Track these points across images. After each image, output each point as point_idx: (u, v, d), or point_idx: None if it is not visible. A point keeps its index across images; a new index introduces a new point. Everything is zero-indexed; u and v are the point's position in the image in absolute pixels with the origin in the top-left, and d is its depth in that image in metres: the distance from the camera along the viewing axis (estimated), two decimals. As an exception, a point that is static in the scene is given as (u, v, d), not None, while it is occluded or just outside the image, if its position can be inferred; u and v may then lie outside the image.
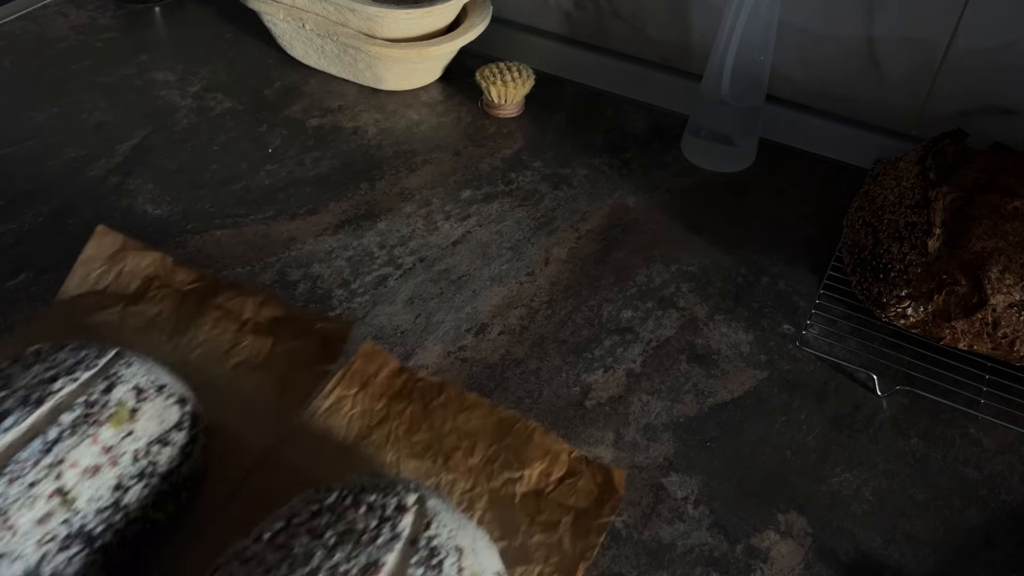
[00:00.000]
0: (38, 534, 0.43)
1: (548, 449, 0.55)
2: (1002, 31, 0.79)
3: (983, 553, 0.58)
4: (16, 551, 0.42)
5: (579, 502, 0.53)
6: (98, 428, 0.46)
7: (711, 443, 0.64)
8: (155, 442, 0.49)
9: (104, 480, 0.46)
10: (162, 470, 0.49)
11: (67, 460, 0.45)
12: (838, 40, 0.86)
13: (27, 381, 0.47)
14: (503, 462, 0.55)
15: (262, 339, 0.61)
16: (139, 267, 0.66)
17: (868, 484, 0.62)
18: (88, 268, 0.66)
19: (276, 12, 0.94)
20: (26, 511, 0.43)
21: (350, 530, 0.42)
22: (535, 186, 0.85)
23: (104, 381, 0.49)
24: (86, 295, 0.64)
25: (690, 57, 0.95)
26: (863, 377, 0.68)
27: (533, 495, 0.53)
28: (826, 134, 0.90)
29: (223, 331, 0.61)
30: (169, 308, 0.63)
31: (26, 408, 0.46)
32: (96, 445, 0.46)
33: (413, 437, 0.56)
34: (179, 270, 0.66)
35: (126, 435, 0.47)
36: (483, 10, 0.97)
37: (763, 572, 0.57)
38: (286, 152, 0.87)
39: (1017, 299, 0.65)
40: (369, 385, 0.58)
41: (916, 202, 0.70)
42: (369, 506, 0.43)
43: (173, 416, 0.50)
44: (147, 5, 1.08)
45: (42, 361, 0.49)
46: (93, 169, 0.83)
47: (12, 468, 0.43)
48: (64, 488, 0.44)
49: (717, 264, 0.78)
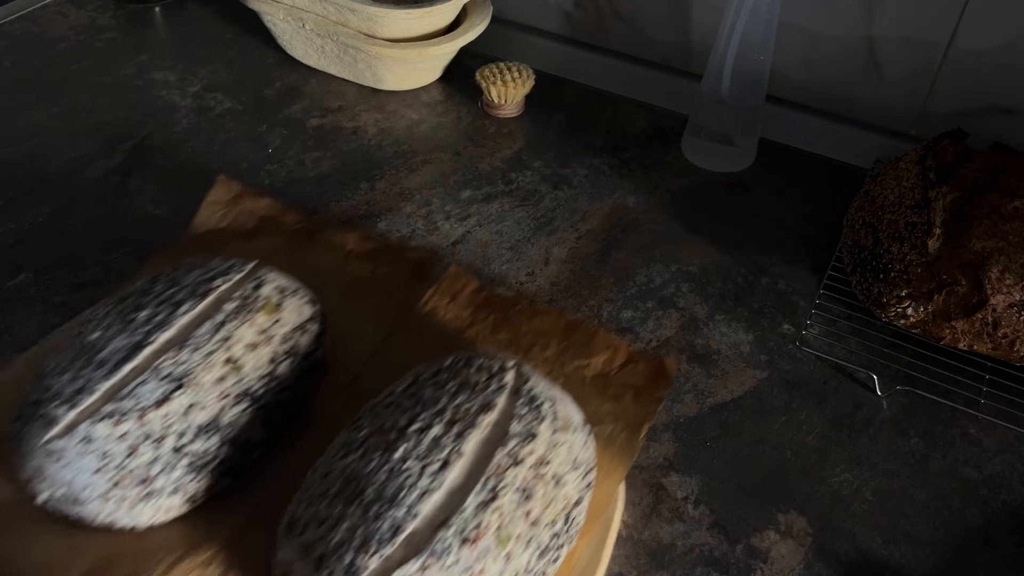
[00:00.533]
0: (217, 391, 0.55)
1: (610, 344, 0.66)
2: (1002, 31, 0.79)
3: (983, 553, 0.58)
4: (202, 402, 0.54)
5: (638, 382, 0.63)
6: (254, 315, 0.58)
7: (711, 443, 0.64)
8: (296, 329, 0.60)
9: (262, 354, 0.57)
10: (302, 352, 0.60)
11: (233, 337, 0.56)
12: (838, 40, 0.86)
13: (192, 280, 0.59)
14: (573, 354, 0.65)
15: (363, 264, 0.73)
16: (254, 209, 0.77)
17: (868, 484, 0.62)
18: (211, 210, 0.76)
19: (276, 12, 0.94)
20: (207, 373, 0.54)
21: (466, 382, 0.53)
22: (535, 186, 0.85)
23: (253, 281, 0.60)
24: (211, 232, 0.75)
25: (690, 57, 0.95)
26: (863, 377, 0.68)
27: (600, 377, 0.64)
28: (826, 134, 0.90)
29: (330, 259, 0.73)
30: (282, 242, 0.74)
31: (195, 299, 0.57)
32: (253, 327, 0.58)
33: (497, 336, 0.67)
34: (288, 212, 0.77)
35: (275, 322, 0.59)
36: (483, 10, 0.97)
37: (763, 572, 0.57)
38: (286, 152, 0.87)
39: (1017, 299, 0.65)
40: (457, 298, 0.69)
41: (916, 202, 0.70)
42: (478, 367, 0.54)
43: (307, 312, 0.62)
44: (147, 5, 1.08)
45: (199, 268, 0.61)
46: (93, 169, 0.83)
47: (192, 341, 0.55)
48: (233, 357, 0.56)
49: (717, 264, 0.78)
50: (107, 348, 0.54)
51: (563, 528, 0.50)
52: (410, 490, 0.47)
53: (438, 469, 0.48)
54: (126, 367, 0.54)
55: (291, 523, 0.49)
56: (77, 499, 0.52)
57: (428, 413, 0.51)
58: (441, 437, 0.49)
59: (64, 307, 0.70)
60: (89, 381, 0.53)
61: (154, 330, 0.55)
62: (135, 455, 0.52)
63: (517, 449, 0.49)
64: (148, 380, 0.53)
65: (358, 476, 0.48)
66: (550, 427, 0.51)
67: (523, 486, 0.48)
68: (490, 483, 0.48)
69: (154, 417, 0.52)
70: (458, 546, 0.46)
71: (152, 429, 0.52)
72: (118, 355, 0.54)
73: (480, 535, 0.46)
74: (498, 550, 0.47)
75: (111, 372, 0.53)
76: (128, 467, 0.52)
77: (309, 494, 0.50)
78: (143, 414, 0.52)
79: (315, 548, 0.47)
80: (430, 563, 0.45)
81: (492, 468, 0.48)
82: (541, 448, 0.50)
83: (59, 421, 0.52)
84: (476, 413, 0.51)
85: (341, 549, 0.46)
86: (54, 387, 0.53)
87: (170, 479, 0.53)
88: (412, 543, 0.46)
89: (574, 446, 0.52)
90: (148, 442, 0.52)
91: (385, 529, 0.46)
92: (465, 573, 0.46)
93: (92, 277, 0.72)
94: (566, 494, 0.50)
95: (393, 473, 0.48)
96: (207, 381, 0.54)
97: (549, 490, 0.49)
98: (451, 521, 0.46)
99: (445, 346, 0.64)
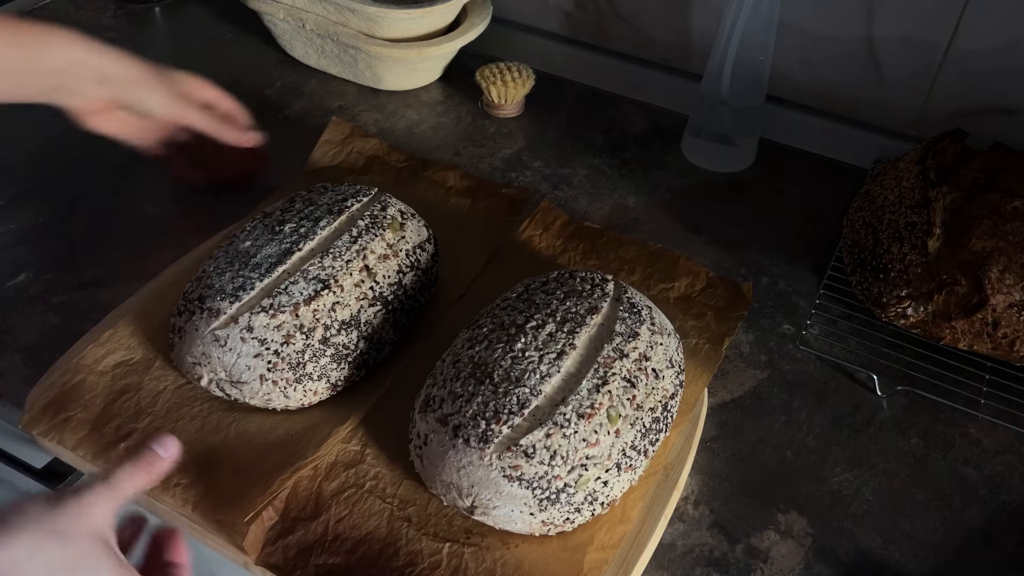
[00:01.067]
0: (356, 293, 0.63)
1: (691, 270, 0.73)
2: (1002, 31, 0.79)
3: (983, 553, 0.58)
4: (344, 301, 0.62)
5: (718, 303, 0.70)
6: (383, 231, 0.66)
7: (711, 443, 0.64)
8: (417, 247, 0.68)
9: (391, 265, 0.65)
10: (422, 267, 0.68)
11: (367, 248, 0.64)
12: (838, 40, 0.86)
13: (326, 200, 0.68)
14: (657, 278, 0.73)
15: (464, 199, 0.80)
16: (364, 149, 0.85)
17: (868, 484, 0.62)
18: (325, 149, 0.84)
19: (276, 12, 0.94)
20: (347, 277, 0.63)
21: (572, 290, 0.61)
22: (535, 186, 0.85)
23: (379, 203, 0.69)
24: (326, 168, 0.83)
25: (690, 57, 0.95)
26: (863, 377, 0.68)
27: (683, 299, 0.71)
28: (826, 134, 0.90)
29: (434, 194, 0.81)
30: (389, 179, 0.82)
31: (332, 215, 0.66)
32: (383, 241, 0.66)
33: (587, 262, 0.74)
34: (394, 152, 0.85)
35: (400, 238, 0.67)
36: (483, 10, 0.97)
37: (763, 572, 0.57)
38: (287, 152, 0.87)
39: (1017, 299, 0.65)
40: (550, 228, 0.77)
41: (916, 202, 0.70)
42: (582, 278, 0.62)
43: (424, 233, 0.70)
44: (147, 5, 1.08)
45: (331, 191, 0.69)
46: (93, 169, 0.83)
47: (333, 250, 0.63)
48: (368, 265, 0.64)
49: (717, 264, 0.78)
50: (260, 254, 0.63)
51: (663, 415, 0.57)
52: (532, 373, 0.55)
53: (555, 358, 0.55)
54: (279, 269, 0.62)
55: (427, 401, 0.57)
56: (239, 380, 0.60)
57: (542, 314, 0.58)
58: (555, 333, 0.57)
59: (64, 307, 0.70)
60: (248, 280, 0.61)
61: (300, 240, 0.64)
62: (289, 343, 0.59)
63: (622, 345, 0.57)
64: (298, 280, 0.61)
65: (486, 362, 0.56)
66: (649, 330, 0.59)
67: (628, 376, 0.56)
68: (600, 371, 0.55)
69: (305, 312, 0.60)
70: (576, 419, 0.53)
71: (304, 321, 0.60)
72: (271, 259, 0.62)
73: (594, 412, 0.53)
74: (609, 426, 0.54)
75: (266, 273, 0.62)
76: (283, 353, 0.59)
77: (442, 377, 0.57)
78: (296, 308, 0.60)
79: (452, 419, 0.54)
80: (553, 431, 0.52)
81: (602, 359, 0.56)
82: (642, 346, 0.57)
83: (223, 312, 0.60)
84: (585, 314, 0.58)
85: (476, 419, 0.53)
86: (216, 285, 0.61)
87: (318, 366, 0.60)
88: (536, 416, 0.53)
89: (669, 348, 0.60)
90: (300, 332, 0.60)
91: (514, 403, 0.53)
92: (582, 442, 0.53)
93: (92, 277, 0.72)
94: (664, 387, 0.57)
95: (516, 360, 0.55)
96: (348, 284, 0.62)
97: (650, 381, 0.57)
98: (568, 400, 0.54)
99: (543, 268, 0.69)
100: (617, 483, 0.54)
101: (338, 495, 0.57)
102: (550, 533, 0.54)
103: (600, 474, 0.53)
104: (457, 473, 0.53)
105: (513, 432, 0.52)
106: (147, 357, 0.64)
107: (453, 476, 0.53)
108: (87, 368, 0.63)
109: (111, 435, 0.59)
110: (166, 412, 0.61)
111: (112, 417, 0.60)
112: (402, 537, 0.55)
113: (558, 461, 0.52)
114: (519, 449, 0.52)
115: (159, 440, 0.50)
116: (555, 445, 0.52)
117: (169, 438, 0.51)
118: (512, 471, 0.51)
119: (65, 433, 0.59)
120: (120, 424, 0.60)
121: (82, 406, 0.61)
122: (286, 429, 0.60)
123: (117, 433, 0.59)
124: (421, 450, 0.55)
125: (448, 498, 0.54)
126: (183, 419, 0.61)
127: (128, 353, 0.64)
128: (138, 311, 0.67)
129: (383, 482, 0.58)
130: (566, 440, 0.52)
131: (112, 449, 0.58)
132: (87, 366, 0.63)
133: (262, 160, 0.80)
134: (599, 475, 0.53)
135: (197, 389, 0.62)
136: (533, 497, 0.52)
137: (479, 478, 0.52)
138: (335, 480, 0.57)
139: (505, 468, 0.52)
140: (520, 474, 0.51)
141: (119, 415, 0.60)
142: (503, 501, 0.52)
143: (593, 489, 0.53)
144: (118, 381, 0.62)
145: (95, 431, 0.59)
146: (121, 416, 0.60)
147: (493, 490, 0.52)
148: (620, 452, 0.54)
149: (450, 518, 0.56)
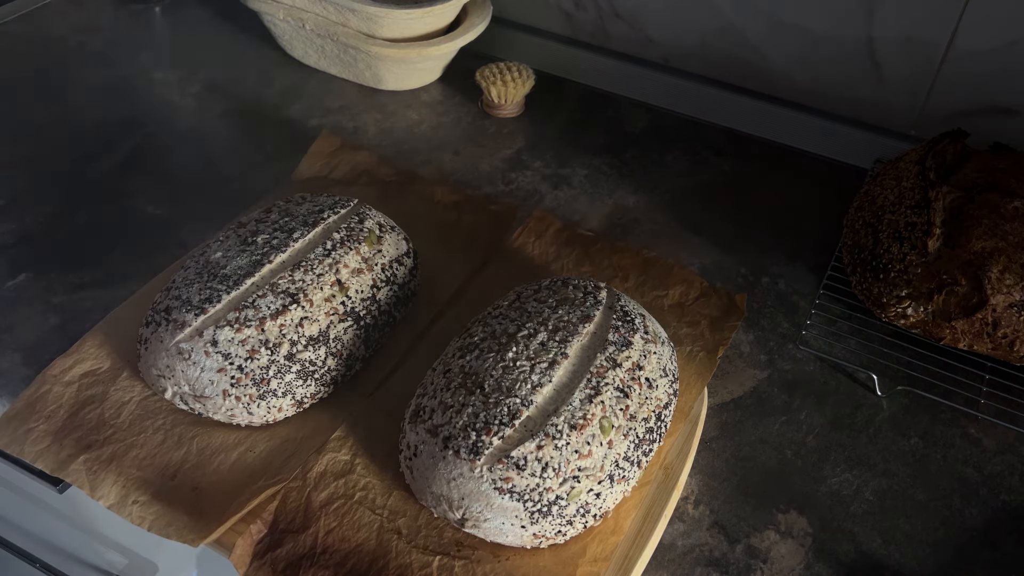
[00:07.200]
0: (326, 308, 0.61)
1: (685, 278, 0.72)
2: (1002, 31, 0.79)
3: (983, 553, 0.58)
4: (313, 316, 0.60)
5: (712, 312, 0.69)
6: (358, 244, 0.64)
7: (711, 443, 0.64)
8: (394, 261, 0.66)
9: (365, 279, 0.64)
10: (399, 281, 0.66)
11: (341, 261, 0.63)
12: (838, 40, 0.86)
13: (303, 211, 0.66)
14: (651, 285, 0.71)
15: (450, 213, 0.78)
16: (353, 161, 0.83)
17: (868, 484, 0.62)
18: (313, 160, 0.83)
19: (276, 12, 0.94)
20: (318, 291, 0.61)
21: (565, 298, 0.59)
22: (535, 186, 0.85)
23: (357, 216, 0.67)
24: (313, 179, 0.81)
25: (690, 57, 0.95)
26: (863, 377, 0.68)
27: (677, 306, 0.70)
28: (826, 134, 0.90)
29: (419, 206, 0.78)
30: (376, 192, 0.80)
31: (307, 227, 0.64)
32: (358, 255, 0.64)
33: (580, 269, 0.73)
34: (383, 164, 0.83)
35: (376, 252, 0.65)
36: (483, 10, 0.97)
37: (763, 572, 0.57)
38: (287, 152, 0.87)
39: (1017, 299, 0.65)
40: (543, 236, 0.76)
41: (916, 202, 0.70)
42: (574, 286, 0.61)
43: (403, 247, 0.68)
44: (147, 5, 1.08)
45: (309, 202, 0.68)
46: (93, 169, 0.83)
47: (304, 263, 0.61)
48: (340, 280, 0.62)
49: (717, 264, 0.78)
50: (229, 265, 0.61)
51: (656, 424, 0.56)
52: (524, 383, 0.54)
53: (547, 367, 0.54)
54: (247, 282, 0.60)
55: (417, 412, 0.56)
56: (201, 395, 0.58)
57: (533, 323, 0.57)
58: (547, 342, 0.56)
59: (64, 307, 0.70)
60: (215, 292, 0.60)
61: (271, 252, 0.62)
62: (253, 358, 0.58)
63: (615, 354, 0.56)
64: (267, 294, 0.59)
65: (477, 371, 0.55)
66: (642, 338, 0.58)
67: (621, 386, 0.55)
68: (593, 381, 0.54)
69: (271, 326, 0.58)
70: (568, 430, 0.52)
71: (269, 336, 0.58)
72: (240, 271, 0.61)
73: (586, 423, 0.52)
74: (602, 436, 0.53)
75: (234, 285, 0.60)
76: (247, 368, 0.58)
77: (432, 387, 0.56)
78: (262, 323, 0.58)
79: (442, 430, 0.53)
80: (544, 443, 0.51)
81: (594, 368, 0.55)
82: (635, 355, 0.57)
83: (188, 325, 0.58)
84: (577, 323, 0.57)
85: (467, 430, 0.52)
86: (183, 296, 0.60)
87: (283, 382, 0.59)
88: (528, 427, 0.52)
89: (663, 356, 0.59)
90: (265, 348, 0.58)
91: (504, 414, 0.52)
92: (574, 454, 0.52)
93: (92, 277, 0.73)
94: (657, 396, 0.57)
95: (507, 369, 0.54)
96: (318, 298, 0.61)
97: (643, 391, 0.56)
98: (561, 410, 0.53)
99: (535, 275, 0.70)
100: (610, 495, 0.53)
101: (327, 506, 0.56)
102: (542, 546, 0.53)
103: (592, 486, 0.52)
104: (447, 485, 0.52)
105: (504, 443, 0.51)
106: (115, 367, 0.62)
107: (443, 488, 0.52)
108: (53, 379, 0.61)
109: (71, 448, 0.58)
110: (129, 424, 0.59)
111: (74, 429, 0.59)
112: (392, 550, 0.54)
113: (550, 473, 0.51)
114: (510, 461, 0.51)
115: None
116: (547, 457, 0.51)
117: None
118: (503, 483, 0.51)
119: (25, 445, 0.58)
120: (81, 436, 0.58)
121: (44, 417, 0.59)
122: (248, 446, 0.59)
123: (77, 445, 0.58)
124: (411, 461, 0.55)
125: (438, 510, 0.54)
126: (145, 432, 0.59)
127: (97, 363, 0.63)
128: (110, 319, 0.66)
129: (373, 492, 0.57)
130: (558, 452, 0.51)
131: (71, 463, 0.57)
132: (54, 376, 0.61)
133: None
134: (591, 487, 0.52)
135: (163, 401, 0.61)
136: (524, 510, 0.51)
137: (470, 490, 0.51)
138: (324, 491, 0.56)
139: (496, 480, 0.51)
140: (511, 486, 0.51)
141: (81, 426, 0.59)
142: (494, 514, 0.51)
143: (585, 501, 0.52)
144: (83, 391, 0.61)
145: (55, 443, 0.58)
146: (83, 428, 0.59)
147: (484, 502, 0.51)
148: (613, 463, 0.53)
149: (440, 530, 0.55)
